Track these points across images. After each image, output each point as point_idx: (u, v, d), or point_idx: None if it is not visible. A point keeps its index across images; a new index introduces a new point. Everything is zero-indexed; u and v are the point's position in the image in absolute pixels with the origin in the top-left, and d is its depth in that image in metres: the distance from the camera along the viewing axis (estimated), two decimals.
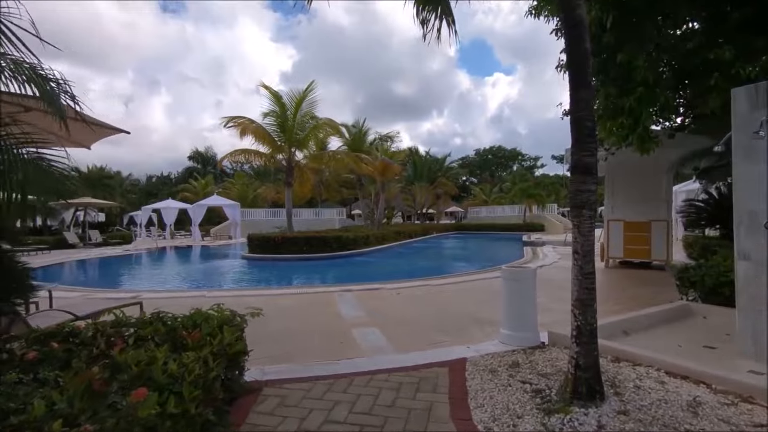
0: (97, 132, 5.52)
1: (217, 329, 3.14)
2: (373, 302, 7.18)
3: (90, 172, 30.86)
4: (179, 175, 55.09)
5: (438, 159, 37.28)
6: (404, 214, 53.81)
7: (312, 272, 13.35)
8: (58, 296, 8.12)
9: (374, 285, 8.75)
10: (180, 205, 31.27)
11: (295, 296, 7.85)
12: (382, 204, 24.90)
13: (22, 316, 4.26)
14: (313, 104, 16.98)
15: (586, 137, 3.11)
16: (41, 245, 19.49)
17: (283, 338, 5.15)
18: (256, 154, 17.21)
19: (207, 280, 12.15)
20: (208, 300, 7.52)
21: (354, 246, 17.27)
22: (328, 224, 32.17)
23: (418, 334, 5.28)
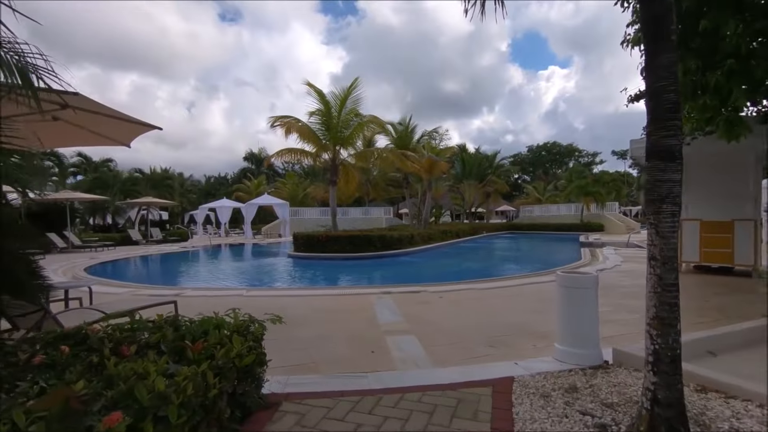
0: (133, 129, 5.49)
1: (226, 339, 2.82)
2: (413, 306, 6.71)
3: (153, 173, 32.78)
4: (235, 176, 57.47)
5: (488, 156, 35.96)
6: (453, 214, 52.69)
7: (354, 272, 13.09)
8: (107, 291, 8.39)
9: (415, 287, 8.27)
10: (234, 204, 32.47)
11: (331, 298, 7.55)
12: (429, 202, 24.28)
13: (51, 313, 4.23)
14: (357, 101, 16.77)
15: (668, 113, 2.46)
16: (107, 242, 20.79)
17: (312, 344, 4.82)
18: (301, 152, 17.26)
19: (249, 278, 12.23)
20: (245, 299, 7.41)
21: (398, 245, 16.86)
22: (376, 223, 32.02)
23: (459, 344, 4.75)
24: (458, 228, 26.70)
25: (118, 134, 5.73)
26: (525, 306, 6.70)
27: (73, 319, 4.55)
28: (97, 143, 6.08)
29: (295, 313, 6.37)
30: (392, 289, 8.08)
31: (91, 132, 5.60)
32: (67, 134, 5.80)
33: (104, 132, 5.65)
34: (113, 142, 5.97)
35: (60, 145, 5.85)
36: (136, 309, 5.26)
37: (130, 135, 5.71)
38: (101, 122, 5.37)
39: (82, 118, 5.32)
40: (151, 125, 5.24)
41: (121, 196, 27.22)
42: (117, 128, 5.52)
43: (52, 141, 6.05)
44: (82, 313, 4.72)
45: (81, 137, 5.85)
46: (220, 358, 2.57)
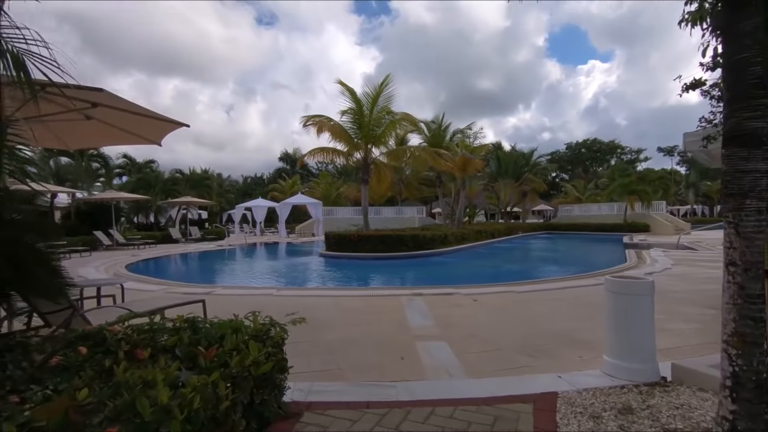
0: (161, 126, 5.48)
1: (243, 344, 2.64)
2: (445, 310, 6.39)
3: (192, 174, 33.88)
4: (270, 176, 58.69)
5: (524, 154, 34.79)
6: (487, 213, 51.54)
7: (385, 272, 12.86)
8: (142, 289, 8.55)
9: (448, 289, 7.93)
10: (269, 204, 33.05)
11: (361, 299, 7.34)
12: (463, 201, 23.73)
13: (80, 311, 4.23)
14: (389, 99, 16.53)
15: (751, 90, 2.06)
16: (149, 240, 21.57)
17: (338, 348, 4.61)
18: (333, 151, 17.22)
19: (280, 277, 12.25)
20: (274, 299, 7.33)
21: (431, 245, 16.50)
22: (408, 223, 31.67)
23: (495, 352, 4.40)
24: (493, 228, 25.97)
25: (149, 132, 5.75)
26: (567, 311, 6.23)
27: (101, 317, 4.54)
28: (130, 142, 6.14)
29: (323, 314, 6.20)
30: (424, 290, 7.79)
31: (123, 130, 5.64)
32: (100, 133, 5.88)
33: (135, 130, 5.68)
34: (145, 141, 6.00)
35: (94, 145, 5.93)
36: (164, 308, 5.23)
37: (160, 133, 5.71)
38: (131, 120, 5.38)
39: (112, 117, 5.36)
40: (179, 122, 5.20)
41: (162, 196, 28.26)
42: (147, 126, 5.54)
43: (86, 140, 6.16)
44: (110, 312, 4.72)
45: (114, 136, 5.92)
46: (234, 366, 2.39)
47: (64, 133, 5.86)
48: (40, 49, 2.84)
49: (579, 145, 72.53)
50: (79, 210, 21.92)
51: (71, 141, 6.05)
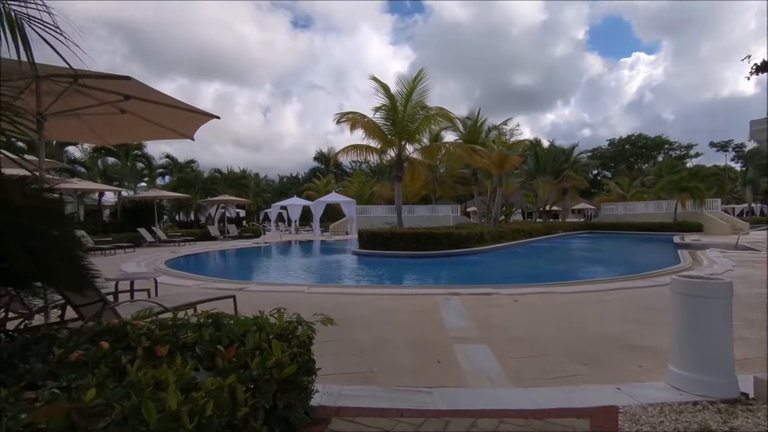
0: (192, 119, 5.42)
1: (266, 344, 2.42)
2: (484, 310, 6.01)
3: (230, 173, 34.77)
4: (305, 175, 59.54)
5: (564, 149, 33.37)
6: (524, 212, 50.05)
7: (419, 271, 12.53)
8: (178, 284, 8.64)
9: (486, 288, 7.53)
10: (303, 202, 33.42)
11: (394, 297, 7.06)
12: (499, 199, 23.01)
13: (110, 304, 4.18)
14: (423, 94, 16.18)
15: None
16: (189, 237, 22.23)
17: (371, 348, 4.35)
18: (366, 148, 17.05)
19: (312, 274, 12.19)
20: (305, 296, 7.18)
21: (467, 244, 16.01)
22: (443, 221, 31.19)
23: (541, 358, 4.01)
24: (531, 227, 25.04)
25: (182, 126, 5.71)
26: (619, 314, 5.71)
27: (131, 311, 4.50)
28: (164, 136, 6.15)
29: (355, 312, 5.97)
30: (460, 290, 7.42)
31: (157, 125, 5.63)
32: (135, 127, 5.90)
33: (168, 124, 5.66)
34: (179, 135, 5.99)
35: (131, 139, 5.95)
36: (195, 302, 5.16)
37: (192, 126, 5.67)
38: (164, 114, 5.35)
39: (146, 110, 5.34)
40: (209, 114, 5.11)
41: (202, 195, 29.09)
42: (179, 119, 5.50)
43: (123, 135, 6.22)
44: (141, 306, 4.68)
45: (148, 130, 5.93)
46: (254, 368, 2.17)
47: (101, 128, 5.95)
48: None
49: (622, 141, 69.28)
50: (125, 208, 22.89)
51: (109, 136, 6.13)
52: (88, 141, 6.08)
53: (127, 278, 5.35)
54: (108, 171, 24.61)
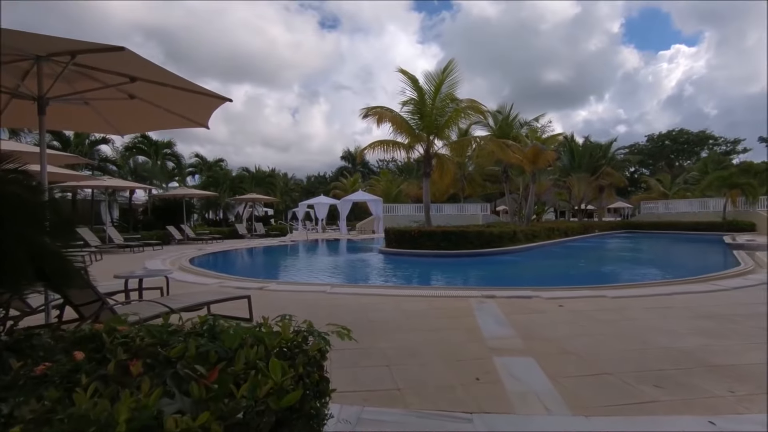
0: (204, 103, 5.01)
1: (262, 363, 1.89)
2: (524, 316, 5.34)
3: (258, 172, 34.98)
4: (333, 175, 59.63)
5: (601, 145, 31.71)
6: (557, 210, 48.29)
7: (448, 271, 11.87)
8: (197, 281, 8.35)
9: (524, 291, 6.82)
10: (330, 201, 33.22)
11: (424, 299, 6.46)
12: (532, 197, 21.95)
13: (108, 304, 3.79)
14: (453, 86, 15.45)
15: None
16: (216, 235, 22.30)
17: (397, 359, 3.78)
18: (393, 144, 16.48)
19: (336, 273, 11.72)
20: (327, 296, 6.69)
21: (498, 243, 15.19)
22: (471, 220, 30.28)
23: (602, 378, 3.34)
24: (566, 225, 23.81)
25: (194, 112, 5.32)
26: (687, 323, 4.91)
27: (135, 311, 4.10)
28: (178, 124, 5.77)
29: (380, 316, 5.42)
30: (496, 292, 6.74)
31: (168, 111, 5.26)
32: (147, 116, 5.57)
33: (180, 110, 5.27)
34: (192, 123, 5.60)
35: (144, 129, 5.59)
36: (205, 303, 4.73)
37: (204, 113, 5.26)
38: (174, 98, 4.96)
39: (155, 95, 4.97)
40: (221, 96, 4.67)
41: (230, 193, 29.32)
42: (190, 104, 5.10)
43: (135, 124, 5.89)
44: (144, 307, 4.28)
45: (161, 118, 5.57)
46: (242, 396, 1.64)
47: (112, 116, 5.64)
48: None
49: (662, 137, 66.04)
50: (155, 206, 23.20)
51: (122, 125, 5.82)
52: (101, 131, 5.79)
53: (136, 276, 4.98)
54: (138, 169, 25.06)
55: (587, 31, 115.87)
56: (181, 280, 8.54)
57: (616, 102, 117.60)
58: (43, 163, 4.33)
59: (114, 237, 16.67)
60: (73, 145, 20.07)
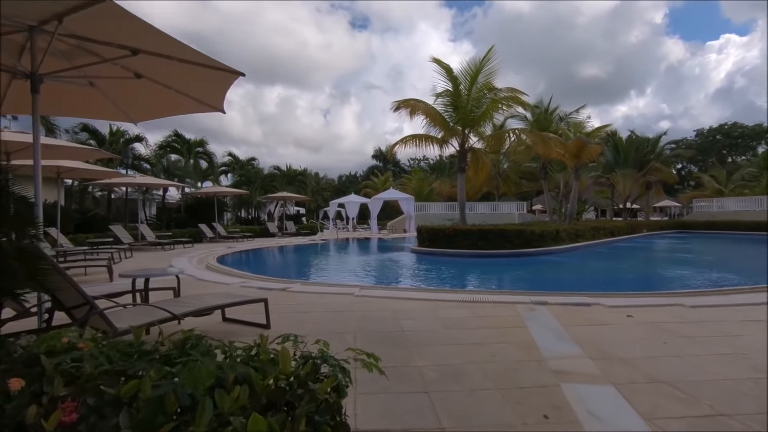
0: (216, 82, 4.44)
1: (239, 421, 1.20)
2: (588, 329, 4.47)
3: (289, 171, 34.97)
4: (363, 174, 59.33)
5: (649, 139, 29.58)
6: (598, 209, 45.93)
7: (488, 272, 10.98)
8: (220, 281, 7.88)
9: (580, 297, 5.91)
10: (361, 200, 32.73)
11: (464, 305, 5.67)
12: (575, 194, 20.58)
13: (98, 308, 3.24)
14: (490, 75, 14.46)
15: None
16: (247, 233, 22.19)
17: (439, 383, 3.04)
18: (426, 138, 15.67)
19: (365, 274, 11.05)
20: (354, 299, 6.01)
21: (540, 243, 14.12)
22: (507, 219, 28.93)
23: (719, 422, 2.47)
24: (612, 225, 22.25)
25: (206, 93, 4.78)
26: None
27: (130, 316, 3.55)
28: (191, 109, 5.27)
29: (414, 324, 4.69)
30: (548, 297, 5.86)
31: (179, 92, 4.73)
32: (158, 99, 5.07)
33: (192, 91, 4.74)
34: (207, 107, 5.07)
35: (156, 115, 5.12)
36: (216, 307, 4.15)
37: (217, 94, 4.70)
38: (183, 76, 4.43)
39: (163, 73, 4.45)
40: (232, 70, 4.08)
41: (261, 192, 29.35)
42: (201, 83, 4.56)
43: (147, 110, 5.42)
44: (141, 311, 3.72)
45: (173, 102, 5.08)
46: None
47: (123, 102, 5.18)
48: None
49: (713, 131, 61.87)
50: (188, 204, 23.38)
51: (133, 111, 5.36)
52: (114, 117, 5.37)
53: (143, 275, 4.46)
54: (171, 168, 25.41)
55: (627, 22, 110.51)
56: (203, 278, 8.13)
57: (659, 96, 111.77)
58: (36, 151, 3.88)
59: (146, 234, 16.72)
60: (107, 143, 20.48)
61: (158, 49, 3.86)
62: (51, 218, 12.01)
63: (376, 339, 4.13)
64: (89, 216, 16.86)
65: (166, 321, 3.56)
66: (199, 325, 4.53)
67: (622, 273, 11.36)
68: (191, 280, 8.09)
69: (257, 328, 4.51)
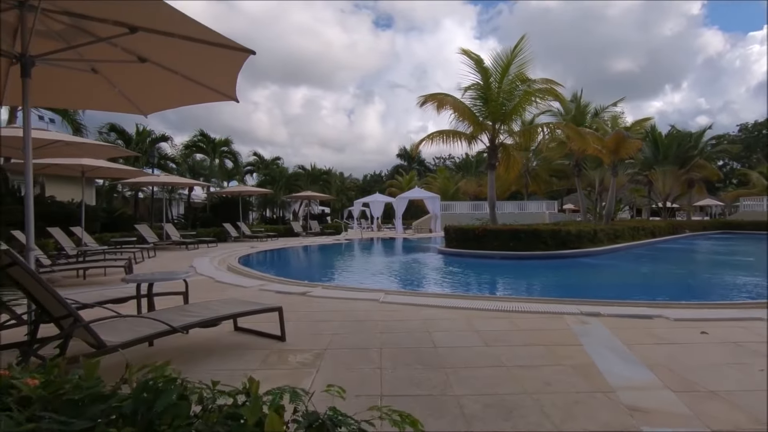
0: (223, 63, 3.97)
1: None
2: (656, 348, 3.77)
3: (313, 170, 34.81)
4: (388, 173, 58.82)
5: (691, 134, 27.78)
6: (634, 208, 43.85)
7: (523, 275, 10.23)
8: (238, 283, 7.48)
9: (639, 308, 5.18)
10: (386, 199, 32.19)
11: (504, 315, 5.03)
12: (613, 191, 19.41)
13: (82, 321, 2.80)
14: (523, 66, 13.64)
15: None
16: (271, 233, 22.02)
17: (485, 421, 2.45)
18: (454, 134, 14.97)
19: (391, 276, 10.48)
20: (379, 306, 5.46)
21: (576, 244, 13.23)
22: (537, 219, 27.81)
23: None
24: (653, 225, 20.92)
25: (216, 79, 4.32)
26: None
27: (122, 330, 3.10)
28: (204, 98, 4.84)
29: (448, 339, 4.09)
30: (600, 308, 5.14)
31: (188, 79, 4.29)
32: (167, 88, 4.67)
33: (200, 77, 4.29)
34: (219, 95, 4.62)
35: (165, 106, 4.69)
36: (223, 317, 3.67)
37: (227, 78, 4.22)
38: (189, 59, 3.99)
39: (168, 56, 4.02)
40: (243, 47, 3.59)
41: (285, 191, 29.23)
42: (209, 66, 4.10)
43: (156, 100, 5.03)
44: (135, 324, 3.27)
45: (183, 90, 4.66)
46: None
47: (130, 91, 4.79)
48: None
49: (758, 126, 58.31)
50: (213, 204, 23.41)
51: (142, 102, 4.98)
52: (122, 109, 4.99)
53: (146, 280, 4.04)
54: (196, 167, 25.54)
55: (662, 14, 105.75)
56: (221, 281, 7.75)
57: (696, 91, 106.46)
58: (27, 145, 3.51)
59: (171, 234, 16.69)
60: (134, 143, 20.69)
61: (159, 26, 3.42)
62: (78, 217, 11.99)
63: (405, 357, 3.56)
64: (116, 215, 16.96)
65: (165, 335, 3.10)
66: (209, 336, 4.08)
67: (677, 278, 10.29)
68: (209, 281, 7.74)
69: (271, 339, 4.03)
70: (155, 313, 3.49)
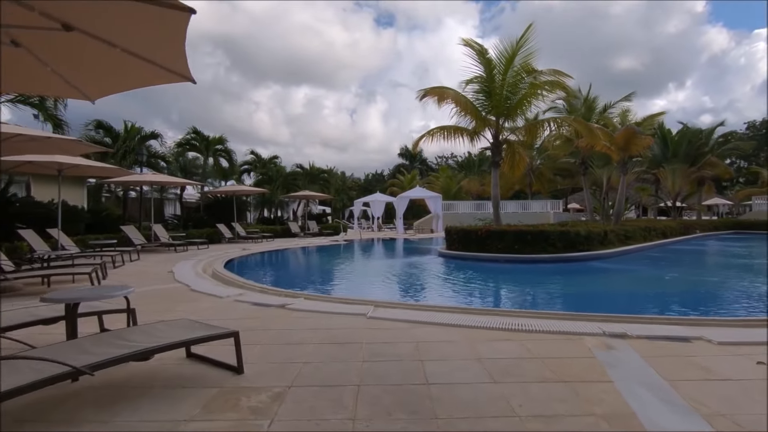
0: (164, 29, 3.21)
1: None
2: (705, 386, 2.99)
3: (312, 168, 34.03)
4: (390, 172, 58.06)
5: (702, 131, 26.86)
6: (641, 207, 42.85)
7: (530, 283, 9.41)
8: (211, 292, 6.71)
9: (672, 326, 4.40)
10: (387, 199, 31.43)
11: (512, 336, 4.24)
12: (623, 190, 18.56)
13: None
14: (529, 56, 12.82)
15: None
16: (266, 233, 21.26)
17: None
18: (455, 130, 14.18)
19: (386, 284, 9.65)
20: (367, 323, 4.70)
21: (586, 246, 12.42)
22: (541, 219, 26.96)
23: None
24: (664, 225, 20.08)
25: (162, 53, 3.56)
26: None
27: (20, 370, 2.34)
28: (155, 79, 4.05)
29: (445, 371, 3.31)
30: (626, 326, 4.35)
31: (129, 53, 3.53)
32: (108, 66, 3.90)
33: (142, 50, 3.52)
34: (172, 75, 3.85)
35: (113, 88, 3.87)
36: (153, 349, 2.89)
37: (174, 50, 3.46)
38: (122, 23, 3.23)
39: (97, 20, 3.27)
40: (179, 4, 2.82)
41: (283, 191, 28.48)
42: (148, 32, 3.34)
43: (101, 82, 4.27)
44: (22, 366, 2.51)
45: (129, 69, 3.88)
46: None
47: (66, 71, 4.04)
48: None
49: (765, 124, 57.21)
50: (206, 203, 22.67)
51: (84, 85, 4.22)
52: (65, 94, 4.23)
53: (73, 299, 3.27)
54: (188, 166, 24.80)
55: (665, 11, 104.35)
56: (196, 289, 6.98)
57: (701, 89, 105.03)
58: None
59: (160, 235, 15.96)
60: (121, 140, 19.93)
61: None
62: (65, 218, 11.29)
63: (387, 401, 2.79)
64: (103, 215, 16.24)
65: (64, 379, 2.34)
66: (151, 367, 3.32)
67: (706, 286, 9.18)
68: (182, 290, 7.00)
69: (227, 371, 3.27)
70: (63, 346, 2.71)
